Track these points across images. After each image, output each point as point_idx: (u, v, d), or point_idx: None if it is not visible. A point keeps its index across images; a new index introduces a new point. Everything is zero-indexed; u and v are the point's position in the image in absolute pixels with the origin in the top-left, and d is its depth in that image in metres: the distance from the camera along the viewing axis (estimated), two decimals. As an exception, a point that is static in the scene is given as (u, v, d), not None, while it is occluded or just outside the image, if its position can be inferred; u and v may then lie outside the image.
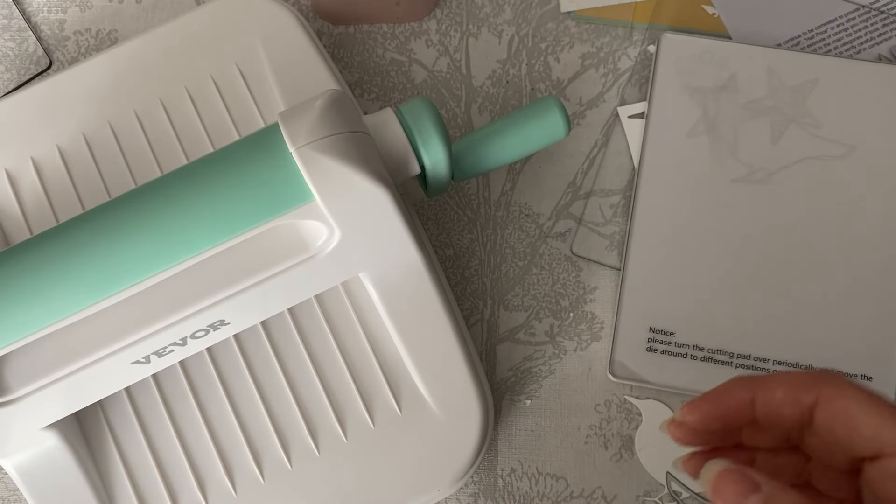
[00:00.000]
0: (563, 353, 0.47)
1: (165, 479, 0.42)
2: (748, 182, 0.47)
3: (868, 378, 0.45)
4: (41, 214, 0.45)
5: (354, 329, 0.43)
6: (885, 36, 0.49)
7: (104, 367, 0.38)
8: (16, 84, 0.50)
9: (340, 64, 0.50)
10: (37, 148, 0.46)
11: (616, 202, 0.48)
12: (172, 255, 0.36)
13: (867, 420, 0.24)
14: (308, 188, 0.36)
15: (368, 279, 0.41)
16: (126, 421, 0.43)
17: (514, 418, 0.46)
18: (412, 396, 0.42)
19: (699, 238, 0.46)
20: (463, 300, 0.47)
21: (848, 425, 0.24)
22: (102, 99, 0.46)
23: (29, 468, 0.41)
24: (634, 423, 0.46)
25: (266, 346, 0.43)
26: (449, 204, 0.48)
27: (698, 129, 0.48)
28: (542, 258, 0.48)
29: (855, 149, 0.47)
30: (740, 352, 0.45)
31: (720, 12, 0.50)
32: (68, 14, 0.51)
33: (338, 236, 0.38)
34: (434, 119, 0.40)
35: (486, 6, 0.50)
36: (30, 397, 0.38)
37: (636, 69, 0.49)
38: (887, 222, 0.46)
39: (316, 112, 0.37)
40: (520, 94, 0.50)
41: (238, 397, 0.43)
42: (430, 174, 0.41)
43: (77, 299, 0.36)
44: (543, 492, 0.45)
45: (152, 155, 0.45)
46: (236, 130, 0.45)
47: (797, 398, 0.25)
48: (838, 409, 0.24)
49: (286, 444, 0.42)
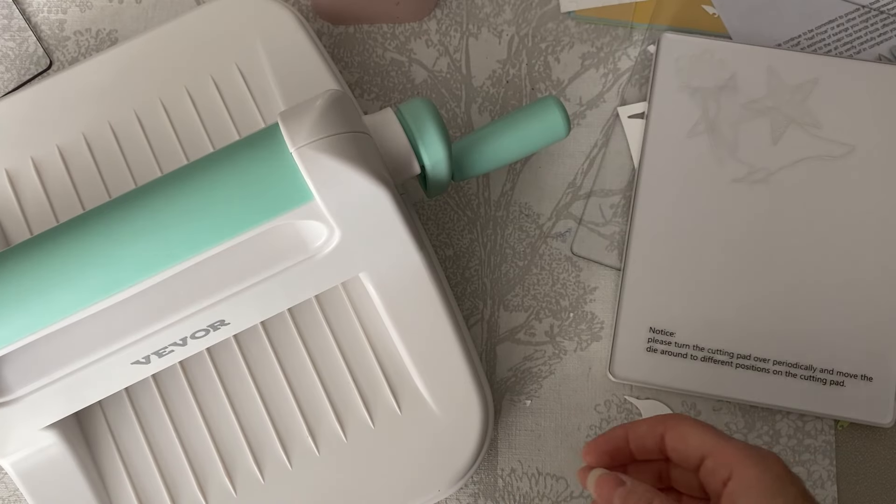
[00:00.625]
0: (563, 353, 0.47)
1: (165, 479, 0.42)
2: (748, 182, 0.47)
3: (868, 378, 0.45)
4: (41, 214, 0.45)
5: (354, 329, 0.43)
6: (885, 36, 0.49)
7: (104, 367, 0.38)
8: (16, 84, 0.50)
9: (340, 64, 0.50)
10: (37, 148, 0.46)
11: (616, 202, 0.48)
12: (172, 256, 0.36)
13: (696, 436, 0.35)
14: (308, 188, 0.36)
15: (368, 279, 0.41)
16: (126, 421, 0.43)
17: (514, 418, 0.46)
18: (412, 396, 0.42)
19: (699, 238, 0.46)
20: (463, 300, 0.47)
21: (685, 441, 0.35)
22: (102, 99, 0.46)
23: (29, 468, 0.41)
24: (634, 423, 0.46)
25: (266, 346, 0.43)
26: (449, 204, 0.48)
27: (698, 129, 0.48)
28: (542, 258, 0.48)
29: (855, 149, 0.47)
30: (740, 352, 0.45)
31: (720, 12, 0.50)
32: (68, 14, 0.51)
33: (338, 236, 0.38)
34: (434, 119, 0.40)
35: (486, 6, 0.50)
36: (30, 397, 0.38)
37: (636, 69, 0.49)
38: (887, 222, 0.46)
39: (316, 112, 0.37)
40: (520, 94, 0.50)
41: (238, 397, 0.43)
42: (430, 174, 0.41)
43: (77, 299, 0.36)
44: (543, 492, 0.45)
45: (152, 155, 0.45)
46: (236, 130, 0.45)
47: (653, 430, 0.36)
48: (678, 431, 0.35)
49: (286, 444, 0.42)
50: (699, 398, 0.46)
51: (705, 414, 0.46)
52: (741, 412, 0.46)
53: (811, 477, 0.45)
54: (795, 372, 0.45)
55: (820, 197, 0.47)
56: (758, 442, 0.45)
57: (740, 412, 0.46)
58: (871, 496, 0.45)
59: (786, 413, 0.45)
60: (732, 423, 0.45)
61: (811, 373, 0.45)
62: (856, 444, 0.45)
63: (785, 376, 0.45)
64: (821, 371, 0.45)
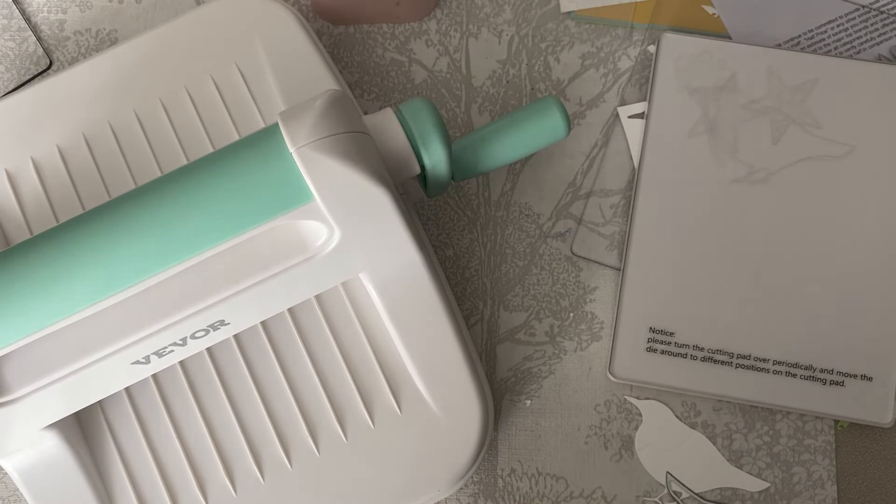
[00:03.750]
0: (563, 353, 0.47)
1: (165, 479, 0.42)
2: (748, 182, 0.47)
3: (868, 378, 0.45)
4: (41, 214, 0.45)
5: (354, 329, 0.43)
6: (885, 36, 0.49)
7: (104, 367, 0.38)
8: (16, 84, 0.50)
9: (340, 64, 0.50)
10: (37, 148, 0.46)
11: (616, 202, 0.48)
12: (172, 256, 0.36)
13: None
14: (308, 188, 0.36)
15: (368, 279, 0.41)
16: (126, 421, 0.43)
17: (514, 418, 0.46)
18: (412, 396, 0.42)
19: (699, 238, 0.46)
20: (463, 300, 0.47)
21: None
22: (102, 99, 0.46)
23: (29, 468, 0.41)
24: (634, 423, 0.46)
25: (266, 346, 0.43)
26: (449, 204, 0.48)
27: (698, 129, 0.48)
28: (542, 258, 0.48)
29: (855, 149, 0.47)
30: (740, 352, 0.45)
31: (720, 12, 0.50)
32: (68, 14, 0.51)
33: (338, 236, 0.38)
34: (434, 119, 0.40)
35: (486, 6, 0.50)
36: (30, 397, 0.38)
37: (636, 69, 0.49)
38: (887, 222, 0.46)
39: (316, 112, 0.37)
40: (520, 94, 0.50)
41: (238, 397, 0.43)
42: (430, 174, 0.41)
43: (77, 299, 0.36)
44: (543, 492, 0.45)
45: (152, 155, 0.45)
46: (236, 130, 0.45)
47: None
48: None
49: (286, 444, 0.42)
50: (699, 398, 0.46)
51: (705, 414, 0.46)
52: (741, 412, 0.46)
53: (811, 477, 0.45)
54: (795, 372, 0.45)
55: (820, 197, 0.47)
56: (758, 442, 0.45)
57: (740, 412, 0.46)
58: (871, 496, 0.45)
59: (786, 413, 0.45)
60: (732, 423, 0.45)
61: (811, 373, 0.45)
62: (856, 444, 0.45)
63: (785, 376, 0.45)
64: (821, 371, 0.45)
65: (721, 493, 0.45)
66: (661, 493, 0.45)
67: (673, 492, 0.45)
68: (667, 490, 0.45)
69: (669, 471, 0.45)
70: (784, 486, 0.45)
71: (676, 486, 0.45)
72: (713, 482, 0.45)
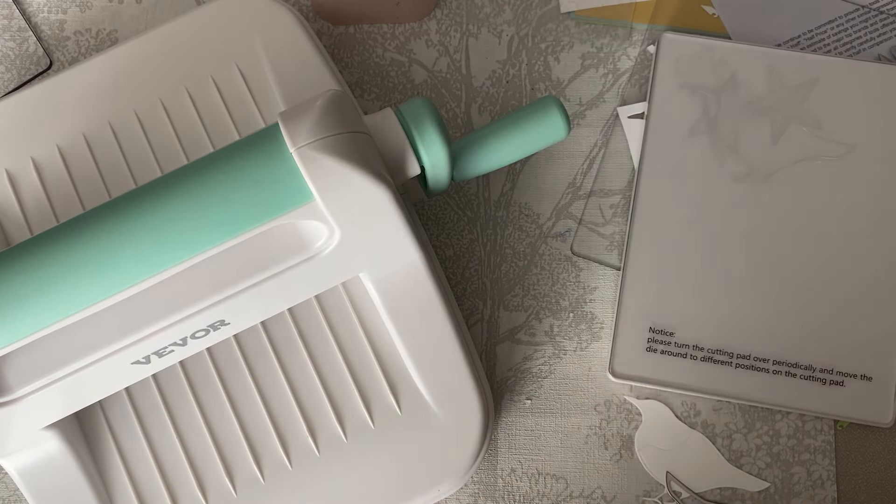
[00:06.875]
0: (562, 353, 0.47)
1: (165, 479, 0.42)
2: (748, 182, 0.47)
3: (868, 378, 0.45)
4: (41, 214, 0.45)
5: (354, 329, 0.43)
6: (885, 36, 0.49)
7: (104, 367, 0.38)
8: (16, 84, 0.50)
9: (340, 64, 0.50)
10: (37, 148, 0.46)
11: (616, 202, 0.48)
12: (172, 256, 0.36)
13: None
14: (308, 188, 0.36)
15: (368, 279, 0.41)
16: (126, 421, 0.43)
17: (514, 418, 0.46)
18: (412, 396, 0.42)
19: (699, 238, 0.46)
20: (463, 300, 0.47)
21: None
22: (102, 99, 0.46)
23: (29, 468, 0.41)
24: (634, 423, 0.46)
25: (266, 346, 0.43)
26: (449, 204, 0.48)
27: (698, 129, 0.48)
28: (542, 258, 0.48)
29: (855, 149, 0.47)
30: (740, 352, 0.45)
31: (720, 12, 0.50)
32: (68, 14, 0.51)
33: (338, 236, 0.38)
34: (434, 119, 0.40)
35: (486, 6, 0.50)
36: (30, 397, 0.38)
37: (636, 69, 0.49)
38: (887, 222, 0.46)
39: (316, 112, 0.37)
40: (520, 94, 0.50)
41: (238, 397, 0.43)
42: (429, 174, 0.41)
43: (77, 299, 0.36)
44: (543, 492, 0.45)
45: (152, 155, 0.45)
46: (236, 130, 0.45)
47: None
48: None
49: (286, 444, 0.42)
50: (699, 398, 0.46)
51: (705, 414, 0.46)
52: (741, 412, 0.46)
53: (811, 477, 0.45)
54: (795, 372, 0.45)
55: (820, 197, 0.47)
56: (757, 442, 0.45)
57: (740, 412, 0.46)
58: (871, 496, 0.45)
59: (786, 413, 0.45)
60: (732, 423, 0.45)
61: (811, 373, 0.45)
62: (855, 444, 0.45)
63: (785, 376, 0.45)
64: (821, 371, 0.45)
65: (721, 492, 0.45)
66: (661, 492, 0.45)
67: (673, 491, 0.45)
68: (667, 490, 0.45)
69: (669, 471, 0.45)
70: (784, 485, 0.45)
71: (676, 485, 0.45)
72: (713, 482, 0.45)
